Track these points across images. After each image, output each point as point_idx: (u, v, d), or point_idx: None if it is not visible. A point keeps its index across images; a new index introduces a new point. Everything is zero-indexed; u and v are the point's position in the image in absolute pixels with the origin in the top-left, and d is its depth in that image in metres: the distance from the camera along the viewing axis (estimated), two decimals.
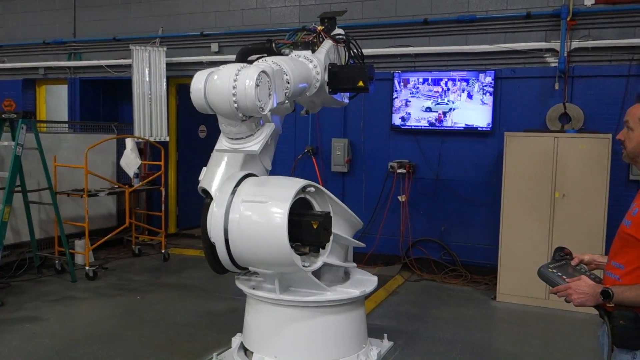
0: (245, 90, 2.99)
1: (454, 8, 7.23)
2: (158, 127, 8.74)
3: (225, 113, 3.13)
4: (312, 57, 4.01)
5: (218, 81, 3.06)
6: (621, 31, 6.51)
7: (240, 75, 3.02)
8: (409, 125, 7.39)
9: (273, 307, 3.91)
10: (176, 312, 5.77)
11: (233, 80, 3.02)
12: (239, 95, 3.01)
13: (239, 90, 3.00)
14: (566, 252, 2.56)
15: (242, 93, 3.00)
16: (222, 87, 3.04)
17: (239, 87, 3.00)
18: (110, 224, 8.48)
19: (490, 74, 6.94)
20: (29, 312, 5.70)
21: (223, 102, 3.06)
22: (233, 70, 3.06)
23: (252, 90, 2.99)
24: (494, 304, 6.29)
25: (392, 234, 7.63)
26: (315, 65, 3.99)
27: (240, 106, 3.05)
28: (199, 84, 3.13)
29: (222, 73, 3.08)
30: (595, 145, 5.97)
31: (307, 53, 4.04)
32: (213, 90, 3.08)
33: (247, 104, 3.02)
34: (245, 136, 3.36)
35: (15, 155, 6.26)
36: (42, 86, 10.73)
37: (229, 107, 3.04)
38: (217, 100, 3.09)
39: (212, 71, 3.16)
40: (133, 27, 9.31)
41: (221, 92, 3.05)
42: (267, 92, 3.16)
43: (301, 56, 4.01)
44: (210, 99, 3.11)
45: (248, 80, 3.00)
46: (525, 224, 6.22)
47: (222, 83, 3.05)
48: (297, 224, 3.60)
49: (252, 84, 2.99)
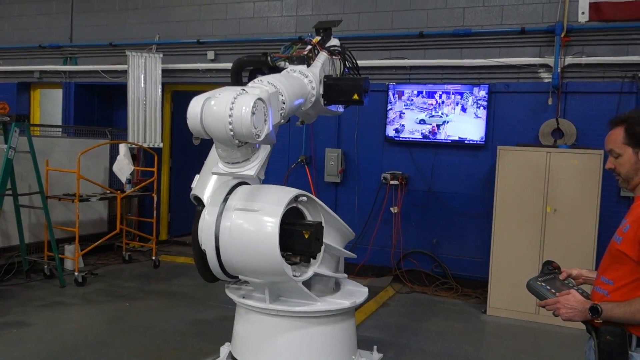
0: (242, 118, 3.01)
1: (449, 22, 7.28)
2: (152, 133, 8.73)
3: (221, 139, 3.14)
4: (307, 72, 4.02)
5: (215, 107, 3.07)
6: (614, 48, 6.57)
7: (237, 103, 3.03)
8: (402, 137, 7.41)
9: (263, 316, 3.88)
10: (165, 320, 5.73)
11: (230, 108, 3.03)
12: (235, 123, 3.03)
13: (235, 118, 3.02)
14: (554, 265, 2.57)
15: (238, 120, 3.01)
16: (219, 113, 3.05)
17: (235, 114, 3.01)
18: (100, 230, 8.43)
19: (485, 87, 6.99)
20: (15, 317, 5.65)
21: (219, 129, 3.07)
22: (230, 97, 3.07)
23: (248, 118, 3.00)
24: (484, 318, 6.29)
25: (383, 245, 7.63)
26: (310, 80, 4.01)
27: (236, 133, 3.06)
28: (196, 109, 3.13)
29: (219, 100, 3.09)
30: (587, 161, 6.00)
31: (302, 68, 4.05)
32: (210, 117, 3.09)
33: (243, 131, 3.04)
34: (241, 160, 3.37)
35: (7, 158, 6.23)
36: (37, 90, 10.71)
37: (225, 133, 3.06)
38: (213, 127, 3.10)
39: (208, 97, 3.16)
40: (130, 33, 9.32)
41: (217, 119, 3.06)
42: (263, 118, 3.18)
43: (296, 71, 4.02)
44: (207, 125, 3.12)
45: (244, 107, 3.01)
46: (517, 238, 6.23)
47: (218, 109, 3.06)
48: (289, 233, 3.59)
49: (248, 111, 3.01)
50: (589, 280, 2.55)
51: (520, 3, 6.96)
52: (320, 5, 7.99)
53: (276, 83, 3.57)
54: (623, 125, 2.38)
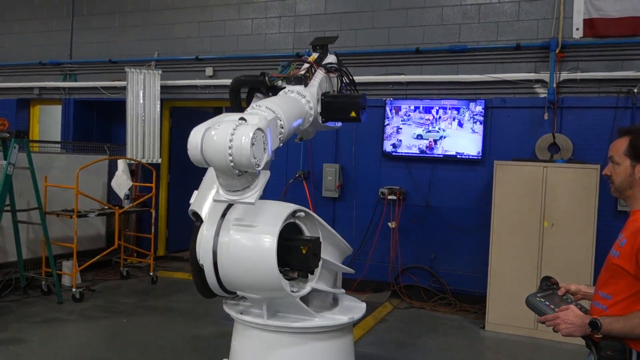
0: (241, 149, 3.06)
1: (445, 38, 7.35)
2: (150, 149, 8.76)
3: (222, 169, 3.20)
4: (304, 92, 4.07)
5: (215, 137, 3.12)
6: (609, 64, 6.64)
7: (236, 134, 3.09)
8: (400, 152, 7.45)
9: (260, 332, 3.87)
10: (163, 336, 5.71)
11: (229, 139, 3.09)
12: (235, 153, 3.08)
13: (235, 149, 3.07)
14: (553, 281, 2.58)
15: (238, 151, 3.07)
16: (219, 144, 3.10)
17: (235, 145, 3.07)
18: (98, 245, 8.42)
19: (481, 103, 7.04)
20: (13, 333, 5.62)
21: (219, 159, 3.13)
22: (229, 128, 3.12)
23: (248, 149, 3.06)
24: (483, 333, 6.27)
25: (381, 260, 7.63)
26: (308, 101, 4.05)
27: (236, 163, 3.11)
28: (196, 139, 3.18)
29: (219, 131, 3.14)
30: (584, 175, 6.03)
31: (299, 88, 4.09)
32: (210, 147, 3.14)
33: (243, 162, 3.09)
34: (242, 188, 3.42)
35: (7, 174, 6.24)
36: (36, 106, 10.75)
37: (225, 163, 3.11)
38: (213, 157, 3.15)
39: (209, 127, 3.21)
40: (129, 50, 9.38)
41: (218, 149, 3.11)
42: (262, 148, 3.24)
43: (294, 91, 4.06)
44: (207, 155, 3.17)
45: (244, 137, 3.07)
46: (515, 253, 6.24)
47: (218, 140, 3.11)
48: (287, 248, 3.59)
49: (247, 141, 3.06)
50: (587, 296, 2.56)
51: (515, 19, 7.04)
52: (317, 23, 8.07)
53: (274, 108, 3.62)
54: (629, 136, 2.42)
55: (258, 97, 4.38)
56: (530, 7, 6.97)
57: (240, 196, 3.41)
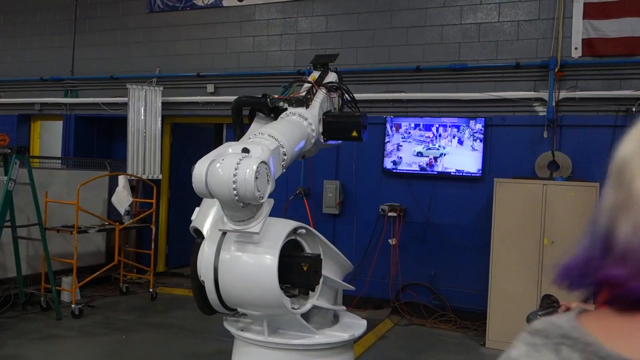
0: (245, 183, 3.12)
1: (445, 56, 7.42)
2: (151, 165, 8.78)
3: (226, 202, 3.26)
4: (306, 115, 4.12)
5: (220, 170, 3.18)
6: (607, 83, 6.69)
7: (240, 168, 3.14)
8: (400, 169, 7.48)
9: (261, 349, 3.87)
10: (162, 353, 5.68)
11: (233, 174, 3.14)
12: (239, 187, 3.14)
13: (239, 183, 3.13)
14: (553, 299, 2.59)
15: (242, 185, 3.13)
16: (223, 177, 3.16)
17: (239, 180, 3.13)
18: (98, 261, 8.40)
19: (481, 121, 7.08)
20: (11, 349, 5.60)
21: (224, 191, 3.19)
22: (233, 162, 3.18)
23: (252, 182, 3.12)
24: (483, 351, 6.24)
25: (382, 277, 7.62)
26: (310, 123, 4.10)
27: (240, 197, 3.17)
28: (201, 172, 3.24)
29: (223, 164, 3.20)
30: (583, 193, 6.06)
31: (301, 110, 4.14)
32: (214, 180, 3.20)
33: (247, 195, 3.15)
34: (246, 218, 3.47)
35: (7, 190, 6.26)
36: (37, 122, 10.80)
37: (230, 197, 3.17)
38: (217, 189, 3.21)
39: (213, 159, 3.26)
40: (130, 66, 9.45)
41: (222, 182, 3.17)
42: (266, 180, 3.30)
43: (296, 114, 4.11)
44: (211, 188, 3.23)
45: (248, 171, 3.13)
46: (515, 270, 6.24)
47: (223, 173, 3.17)
48: (288, 265, 3.61)
49: (252, 174, 3.12)
50: None
51: (515, 39, 7.11)
52: (318, 40, 8.14)
53: (277, 135, 3.68)
54: None
55: (260, 117, 4.42)
56: (530, 27, 7.05)
57: (245, 226, 3.46)
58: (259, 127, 4.12)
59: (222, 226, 3.56)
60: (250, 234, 3.51)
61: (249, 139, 3.75)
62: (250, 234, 3.53)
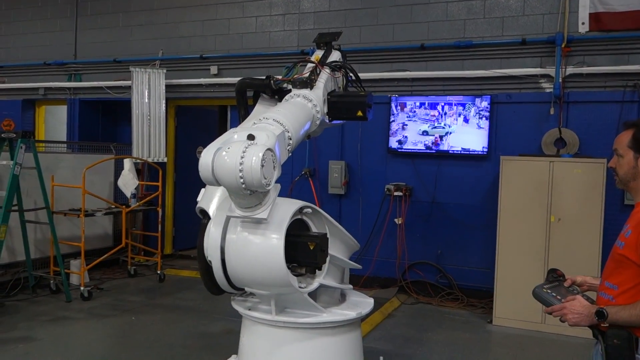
0: (252, 170, 3.11)
1: (450, 34, 7.34)
2: (156, 148, 8.78)
3: (233, 188, 3.25)
4: (310, 96, 4.08)
5: (226, 158, 3.17)
6: (615, 58, 6.61)
7: (247, 156, 3.13)
8: (405, 148, 7.45)
9: (269, 328, 3.89)
10: (171, 334, 5.74)
11: (240, 162, 3.13)
12: (246, 175, 3.13)
13: (246, 171, 3.12)
14: (559, 273, 2.61)
15: (248, 173, 3.11)
16: (230, 165, 3.15)
17: (246, 167, 3.11)
18: (106, 244, 8.46)
19: (487, 98, 7.02)
20: (22, 332, 5.66)
21: (230, 179, 3.18)
22: (239, 150, 3.16)
23: (258, 170, 3.11)
24: (490, 328, 6.27)
25: (388, 256, 7.63)
26: (315, 104, 4.07)
27: (247, 183, 3.16)
28: (207, 160, 3.23)
29: (230, 152, 3.18)
30: (591, 170, 6.02)
31: (305, 92, 4.10)
32: (220, 168, 3.19)
33: (254, 183, 3.14)
34: (254, 205, 3.47)
35: (14, 174, 6.28)
36: (42, 106, 10.80)
37: (236, 183, 3.16)
38: (224, 177, 3.20)
39: (219, 147, 3.25)
40: (133, 49, 9.40)
41: (228, 171, 3.16)
42: (272, 167, 3.29)
43: (300, 95, 4.08)
44: (218, 176, 3.22)
45: (254, 158, 3.11)
46: (522, 248, 6.23)
47: (229, 161, 3.15)
48: (294, 244, 3.61)
49: (258, 162, 3.11)
50: (593, 287, 2.60)
51: (521, 14, 7.02)
52: (321, 20, 8.07)
53: (282, 120, 3.66)
54: (633, 129, 2.48)
55: (264, 98, 4.39)
56: (536, 2, 6.95)
57: (252, 212, 3.46)
58: (263, 108, 4.10)
59: (229, 213, 3.57)
60: (257, 220, 3.51)
61: (254, 123, 3.73)
62: (258, 220, 3.53)
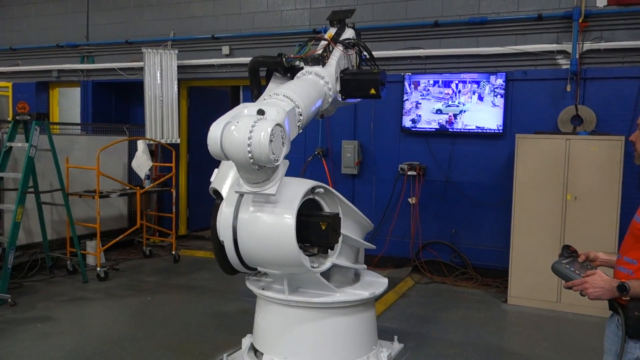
0: (260, 146, 3.09)
1: (464, 10, 7.21)
2: (169, 129, 8.80)
3: (241, 163, 3.23)
4: (323, 73, 4.04)
5: (235, 133, 3.14)
6: (634, 33, 6.46)
7: (255, 131, 3.10)
8: (419, 127, 7.38)
9: (282, 307, 3.92)
10: (186, 313, 5.79)
11: (248, 137, 3.10)
12: (254, 150, 3.10)
13: (254, 146, 3.09)
14: (572, 249, 2.63)
15: (256, 148, 3.09)
16: (238, 140, 3.13)
17: (254, 142, 3.09)
18: (121, 225, 8.53)
19: (501, 76, 6.92)
20: (40, 312, 5.75)
21: (238, 154, 3.16)
22: (248, 125, 3.13)
23: (266, 145, 3.09)
24: (505, 307, 6.25)
25: (402, 236, 7.62)
26: (327, 82, 4.03)
27: (255, 159, 3.14)
28: (216, 134, 3.20)
29: (238, 127, 3.16)
30: (608, 147, 5.92)
31: (317, 69, 4.06)
32: (229, 142, 3.17)
33: (262, 157, 3.12)
34: (262, 180, 3.45)
35: (29, 156, 6.33)
36: (55, 89, 10.84)
37: (244, 158, 3.15)
38: (232, 152, 3.18)
39: (229, 121, 3.22)
40: (145, 30, 9.38)
41: (236, 145, 3.14)
42: (281, 142, 3.26)
43: (312, 73, 4.04)
44: (226, 151, 3.20)
45: (263, 133, 3.09)
46: (537, 227, 6.18)
47: (238, 135, 3.13)
48: (306, 224, 3.62)
49: (266, 137, 3.09)
50: (605, 263, 2.63)
51: None
52: None
53: (293, 96, 3.62)
54: None
55: (276, 77, 4.36)
56: None
57: (260, 188, 3.45)
58: (275, 87, 4.07)
59: (238, 188, 3.57)
60: (266, 195, 3.50)
61: (265, 100, 3.71)
62: (267, 196, 3.52)
